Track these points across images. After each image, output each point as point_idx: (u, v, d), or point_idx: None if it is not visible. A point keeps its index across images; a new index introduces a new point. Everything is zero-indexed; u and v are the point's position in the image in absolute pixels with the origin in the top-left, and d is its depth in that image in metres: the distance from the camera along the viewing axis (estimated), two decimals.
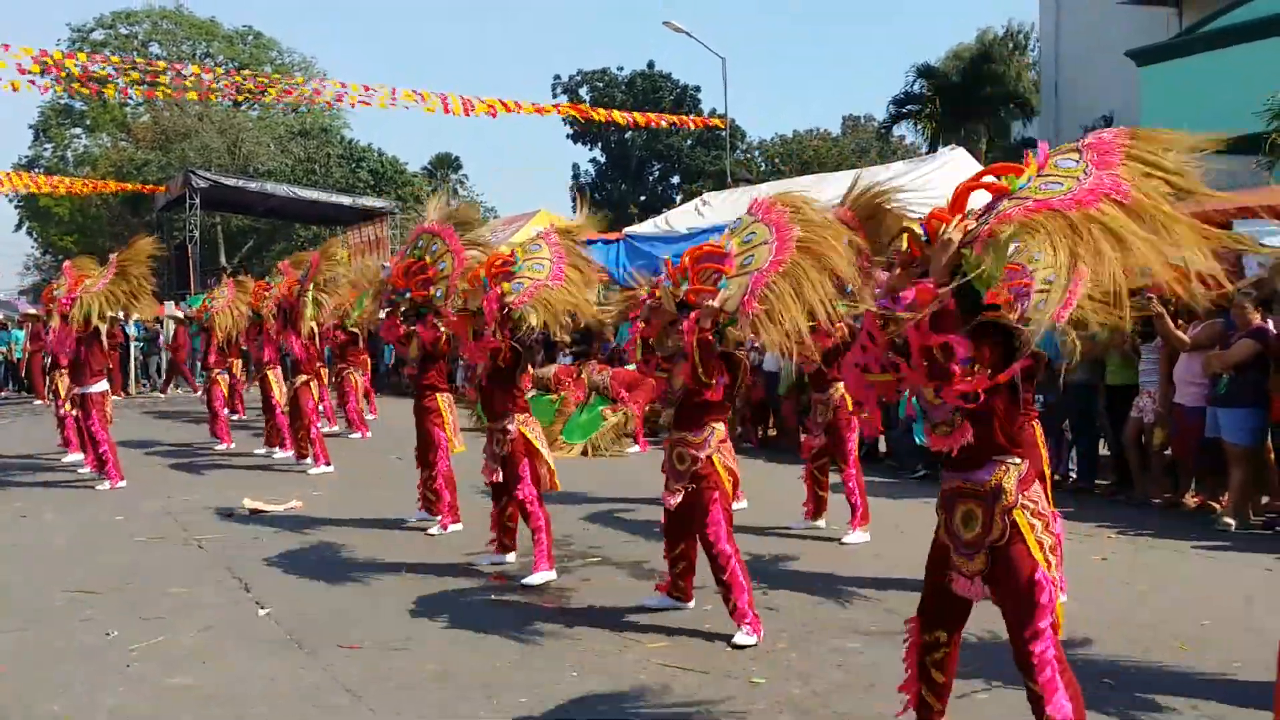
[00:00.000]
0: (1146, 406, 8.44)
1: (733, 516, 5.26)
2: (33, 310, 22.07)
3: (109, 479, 9.89)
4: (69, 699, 4.51)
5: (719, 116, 33.16)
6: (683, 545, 5.46)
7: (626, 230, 17.29)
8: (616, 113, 29.19)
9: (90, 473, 10.45)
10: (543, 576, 6.21)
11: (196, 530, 7.95)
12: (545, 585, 6.16)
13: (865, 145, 41.58)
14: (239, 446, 12.64)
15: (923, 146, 30.23)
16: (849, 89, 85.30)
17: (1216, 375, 7.72)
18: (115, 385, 15.20)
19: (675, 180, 48.82)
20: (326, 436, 11.60)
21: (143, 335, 22.40)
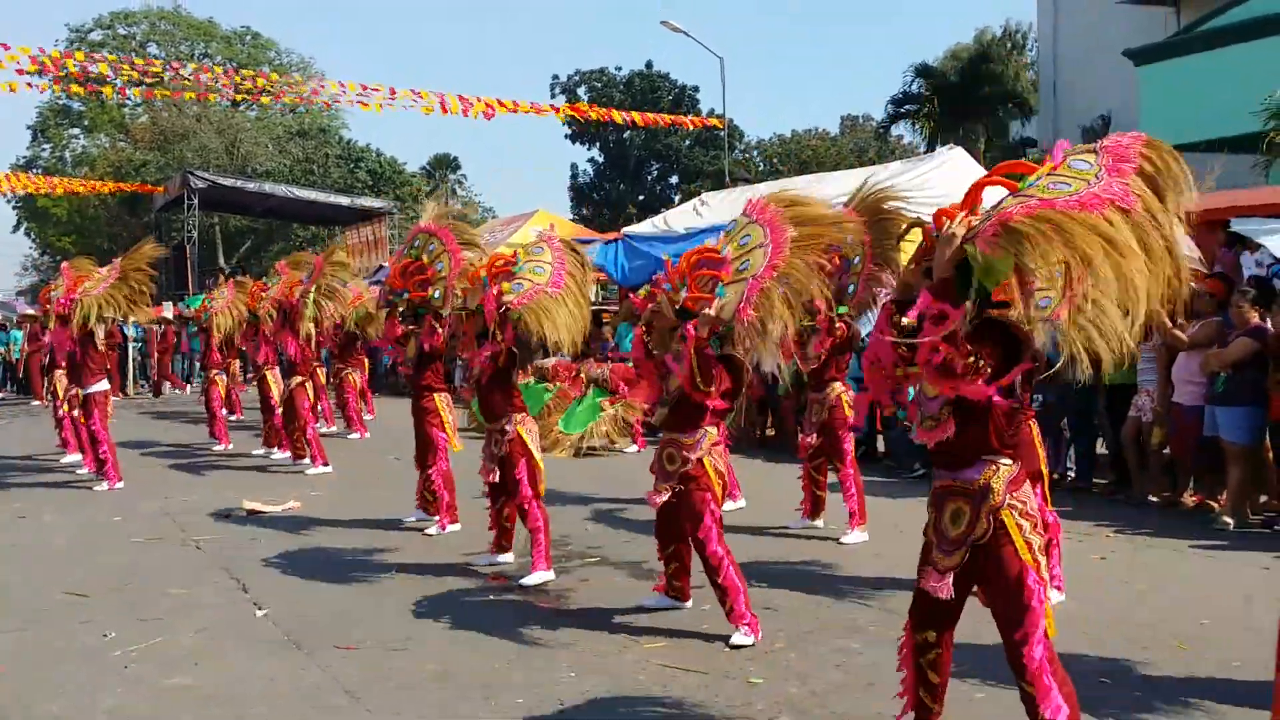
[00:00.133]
0: (1145, 405, 8.44)
1: (722, 519, 5.24)
2: (30, 311, 22.04)
3: (108, 480, 9.88)
4: (68, 699, 4.51)
5: (717, 116, 33.14)
6: (674, 546, 5.46)
7: (625, 230, 17.28)
8: (615, 112, 29.15)
9: (88, 473, 10.45)
10: (541, 577, 6.21)
11: (195, 531, 7.95)
12: (543, 585, 6.17)
13: (863, 145, 41.58)
14: (237, 447, 12.64)
15: (921, 146, 30.25)
16: (847, 89, 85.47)
17: (1214, 374, 7.72)
18: (114, 386, 15.14)
19: (674, 180, 48.83)
20: (325, 437, 11.60)
21: (141, 336, 22.39)
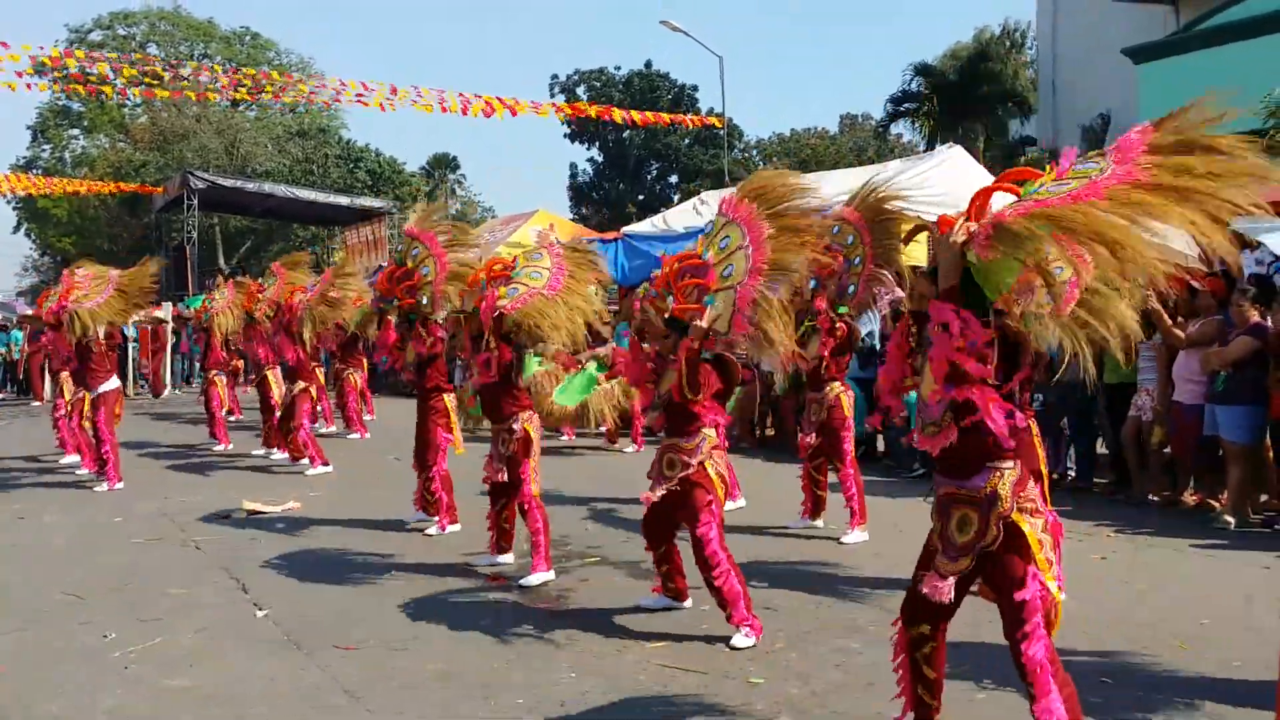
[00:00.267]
0: (1145, 404, 8.44)
1: (723, 521, 5.21)
2: (30, 312, 22.04)
3: (108, 480, 9.88)
4: (68, 699, 4.51)
5: (716, 115, 33.11)
6: (664, 546, 5.43)
7: (624, 230, 17.27)
8: (614, 110, 29.13)
9: (88, 474, 10.45)
10: (541, 577, 6.21)
11: (194, 531, 7.95)
12: (543, 586, 6.17)
13: (863, 144, 41.57)
14: (237, 448, 12.63)
15: (920, 145, 30.24)
16: (847, 88, 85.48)
17: (1214, 373, 7.71)
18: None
19: (673, 179, 48.82)
20: (324, 437, 11.59)
21: (134, 336, 22.31)
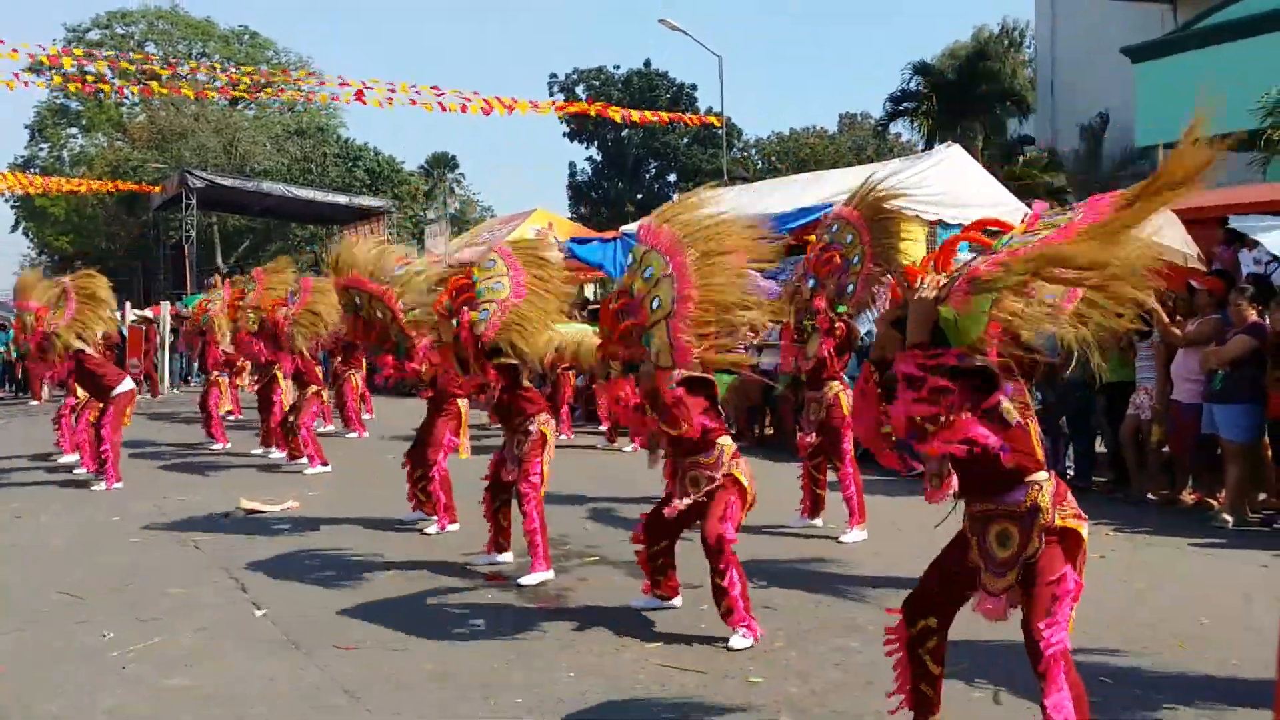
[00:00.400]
0: (1144, 403, 8.44)
1: (740, 524, 5.17)
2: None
3: (106, 479, 9.86)
4: (67, 699, 4.50)
5: (715, 114, 33.09)
6: (665, 542, 5.41)
7: (623, 229, 17.27)
8: (613, 109, 29.11)
9: (86, 473, 10.43)
10: (539, 576, 6.21)
11: (193, 531, 7.94)
12: (542, 585, 6.17)
13: (862, 143, 41.58)
14: (235, 447, 12.63)
15: (919, 144, 30.23)
16: (846, 87, 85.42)
17: (1213, 372, 7.72)
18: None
19: (672, 178, 48.82)
20: (323, 436, 11.58)
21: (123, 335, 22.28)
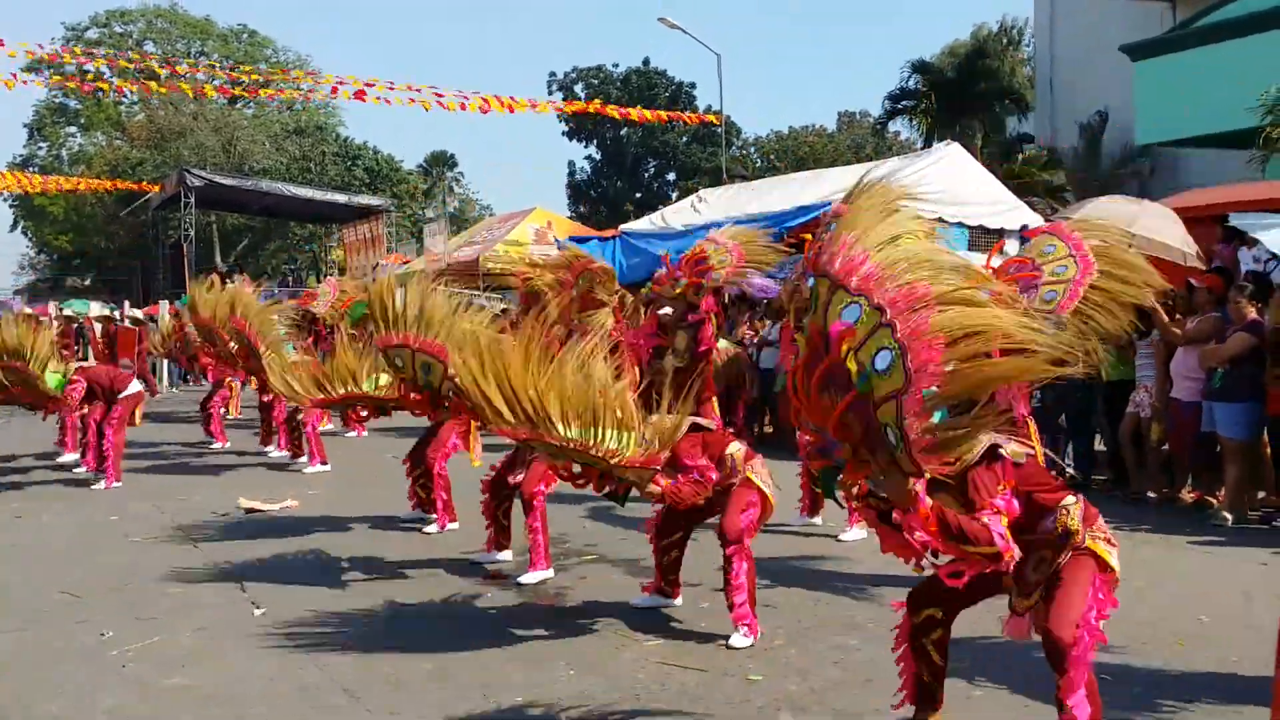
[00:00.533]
0: (1143, 401, 8.44)
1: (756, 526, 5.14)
2: (29, 310, 21.98)
3: (106, 478, 9.86)
4: (67, 699, 4.50)
5: (714, 113, 33.08)
6: (679, 535, 5.43)
7: (622, 227, 17.27)
8: (611, 107, 29.10)
9: (87, 472, 10.42)
10: (539, 575, 6.22)
11: (192, 530, 7.93)
12: (542, 584, 6.17)
13: (861, 141, 41.56)
14: (235, 446, 12.62)
15: (918, 142, 30.21)
16: (845, 85, 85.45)
17: (1212, 369, 7.72)
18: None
19: (671, 177, 48.84)
20: (323, 435, 11.56)
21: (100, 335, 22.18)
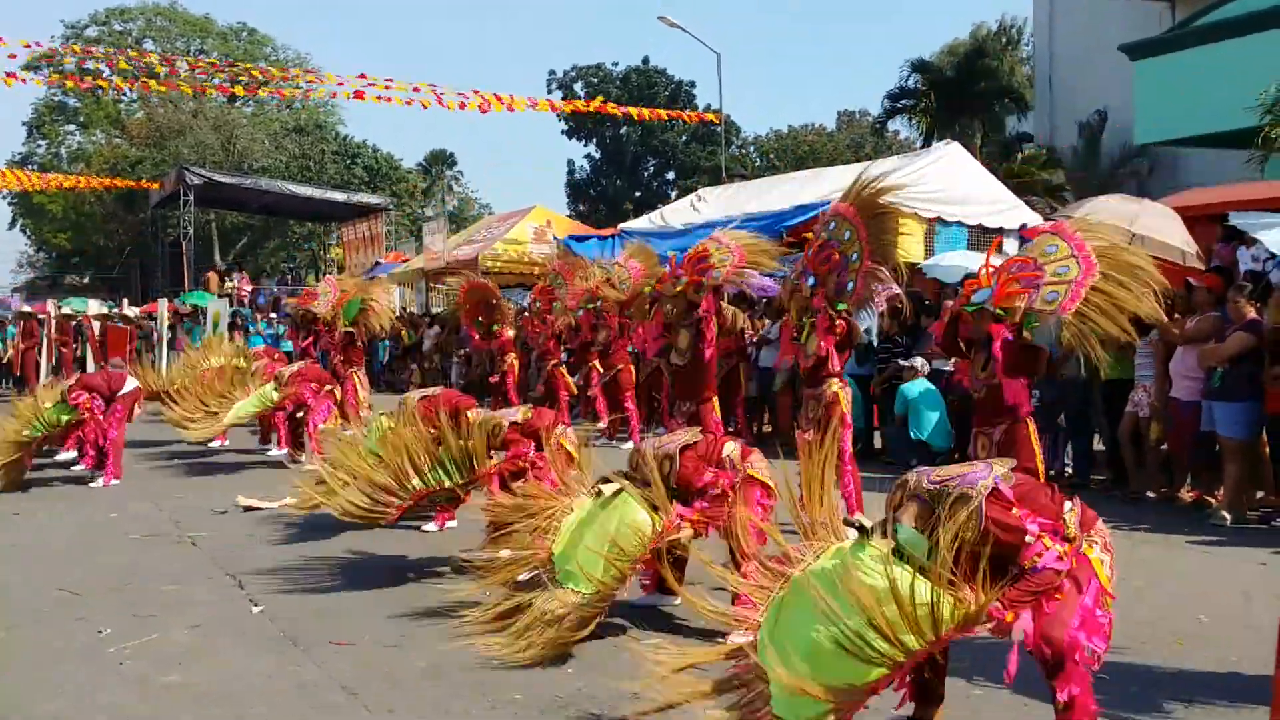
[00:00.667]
0: (1142, 401, 8.43)
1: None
2: (27, 309, 22.01)
3: (105, 476, 9.85)
4: (66, 698, 4.49)
5: (714, 112, 33.07)
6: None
7: (621, 226, 17.31)
8: (611, 106, 29.09)
9: (85, 470, 10.41)
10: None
11: (190, 528, 7.93)
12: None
13: (860, 140, 41.58)
14: (233, 444, 12.62)
15: (917, 141, 30.22)
16: (844, 84, 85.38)
17: (1211, 369, 7.71)
18: None
19: (670, 176, 48.83)
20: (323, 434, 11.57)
21: (141, 334, 22.27)
